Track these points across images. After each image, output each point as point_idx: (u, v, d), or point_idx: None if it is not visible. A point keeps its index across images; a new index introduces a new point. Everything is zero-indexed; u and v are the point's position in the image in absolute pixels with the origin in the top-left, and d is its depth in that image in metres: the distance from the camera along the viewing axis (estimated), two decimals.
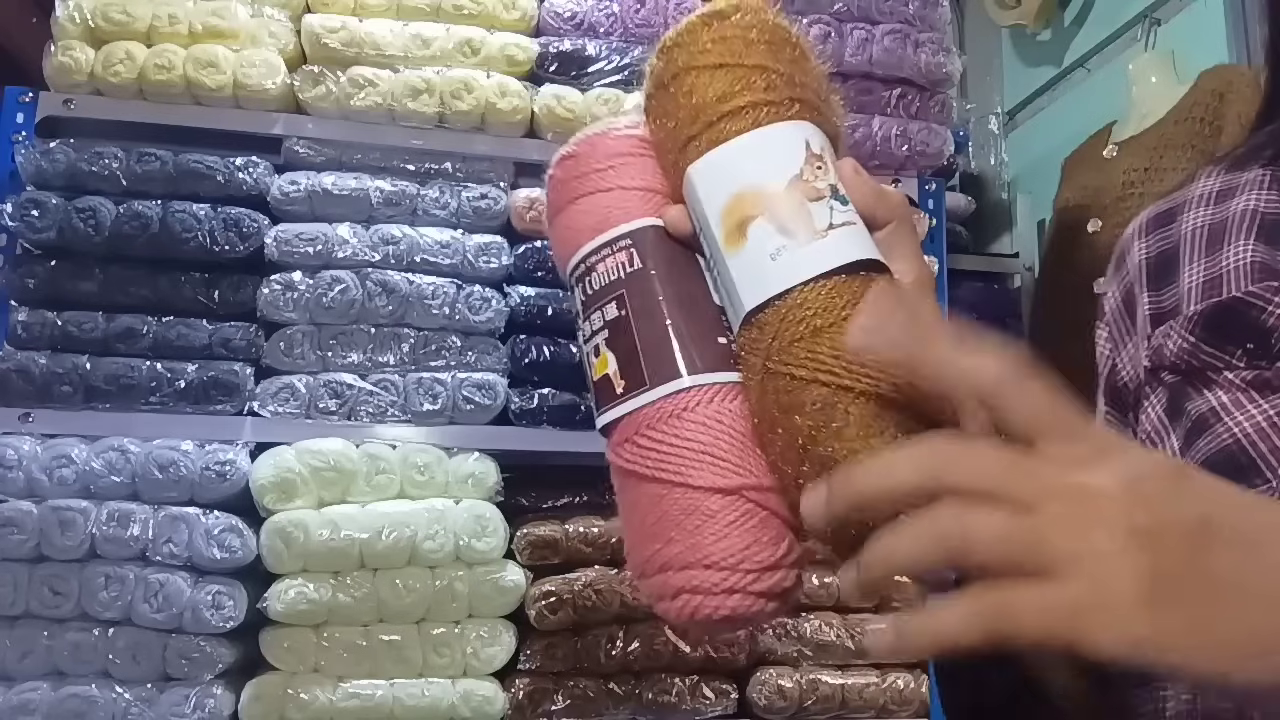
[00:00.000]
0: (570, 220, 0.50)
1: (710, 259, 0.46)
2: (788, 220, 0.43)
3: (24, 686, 1.35)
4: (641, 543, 0.45)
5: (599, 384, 0.48)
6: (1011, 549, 0.31)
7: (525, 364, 1.55)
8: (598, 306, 0.48)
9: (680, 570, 0.43)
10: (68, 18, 1.54)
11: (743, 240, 0.43)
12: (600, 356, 0.48)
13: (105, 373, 1.44)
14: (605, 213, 0.49)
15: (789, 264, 0.42)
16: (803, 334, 0.41)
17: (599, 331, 0.48)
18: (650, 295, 0.47)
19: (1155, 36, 1.94)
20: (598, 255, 0.48)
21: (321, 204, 1.55)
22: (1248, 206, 0.51)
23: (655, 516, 0.44)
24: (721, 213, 0.44)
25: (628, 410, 0.46)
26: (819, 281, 0.41)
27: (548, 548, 1.48)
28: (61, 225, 1.46)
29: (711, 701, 1.49)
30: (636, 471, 0.45)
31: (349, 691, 1.40)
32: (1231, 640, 0.30)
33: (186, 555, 1.38)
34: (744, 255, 0.43)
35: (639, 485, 0.45)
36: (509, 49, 1.64)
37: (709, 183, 0.45)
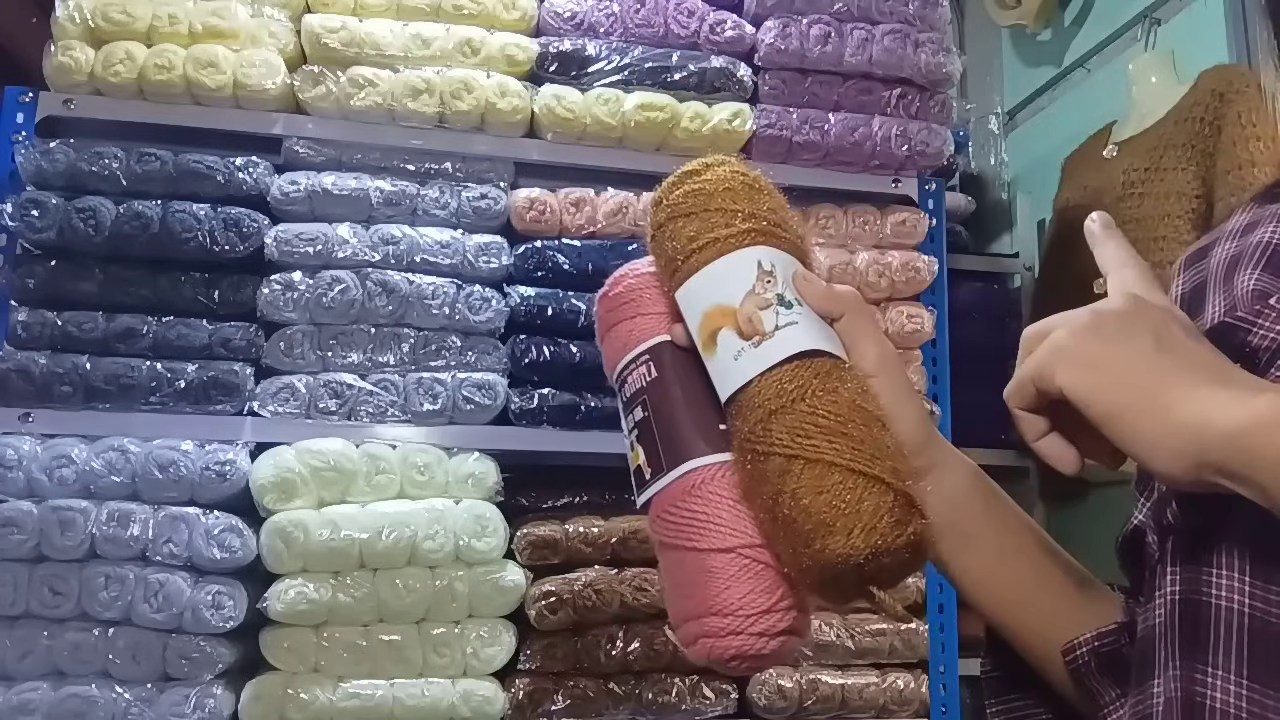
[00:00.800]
0: (611, 342, 0.63)
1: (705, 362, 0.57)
2: (743, 327, 0.54)
3: (24, 686, 1.35)
4: (672, 599, 0.57)
5: (635, 473, 0.59)
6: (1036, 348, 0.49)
7: (525, 364, 1.55)
8: (630, 410, 0.60)
9: (697, 619, 0.54)
10: (68, 18, 1.54)
11: (714, 347, 0.55)
12: (634, 450, 0.59)
13: (105, 373, 1.44)
14: (630, 335, 0.62)
15: (746, 361, 0.53)
16: (761, 417, 0.52)
17: (632, 430, 0.60)
18: (666, 397, 0.58)
19: (1155, 36, 1.95)
20: (628, 369, 0.61)
21: (321, 204, 1.55)
22: (1263, 238, 0.54)
23: (679, 576, 0.56)
24: (699, 327, 0.56)
25: (654, 491, 0.57)
26: (770, 373, 0.52)
27: (548, 548, 1.48)
28: (61, 225, 1.46)
29: (711, 701, 1.49)
30: (664, 541, 0.57)
31: (349, 691, 1.40)
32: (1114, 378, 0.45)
33: (186, 555, 1.38)
34: (717, 359, 0.55)
35: (667, 552, 0.57)
36: (509, 49, 1.64)
37: (689, 304, 0.57)
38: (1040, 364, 0.47)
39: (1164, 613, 0.49)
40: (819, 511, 0.49)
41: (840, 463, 0.49)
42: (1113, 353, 0.45)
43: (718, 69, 1.68)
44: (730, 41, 1.71)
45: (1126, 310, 0.47)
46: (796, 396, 0.51)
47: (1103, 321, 0.46)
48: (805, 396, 0.51)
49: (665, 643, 1.48)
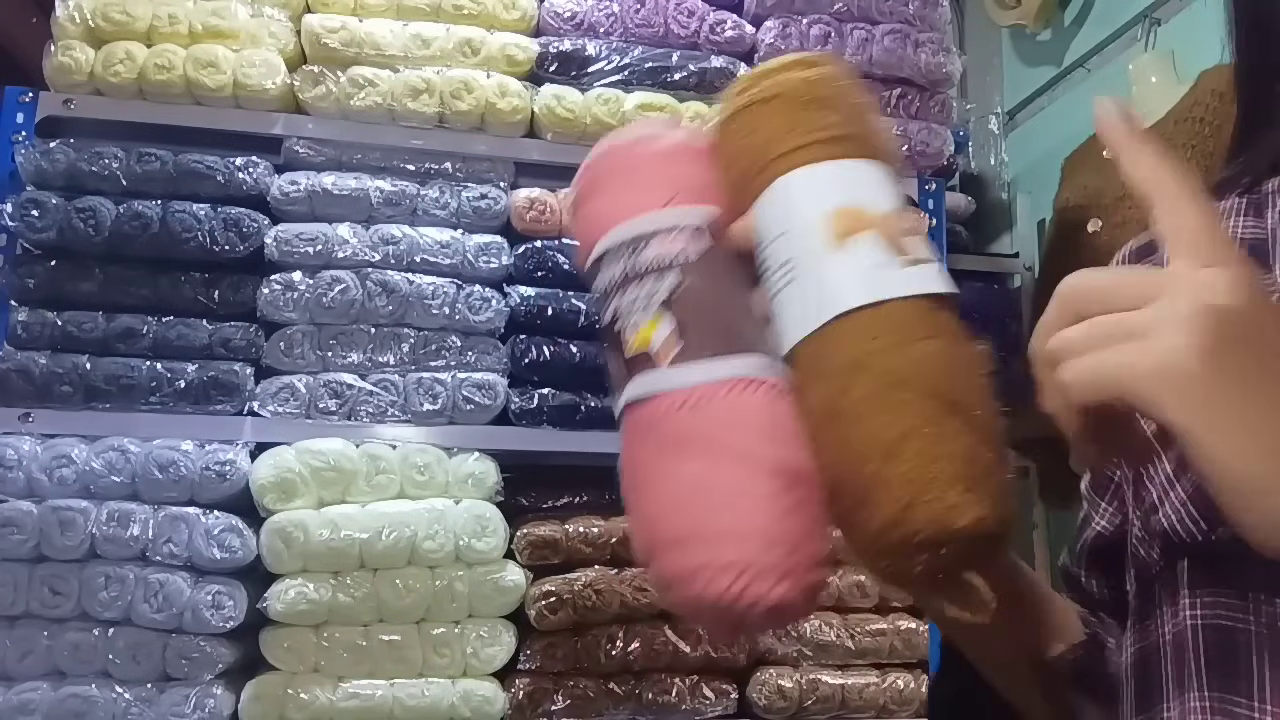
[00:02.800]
0: (619, 199, 0.52)
1: (781, 267, 0.47)
2: (890, 241, 0.45)
3: (24, 686, 1.35)
4: (676, 513, 0.44)
5: (636, 358, 0.47)
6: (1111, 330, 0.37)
7: (525, 364, 1.55)
8: (655, 272, 0.48)
9: (733, 542, 0.42)
10: (68, 18, 1.54)
11: (846, 247, 0.45)
12: (645, 326, 0.47)
13: (105, 373, 1.44)
14: (675, 192, 0.50)
15: (892, 278, 0.44)
16: (898, 342, 0.43)
17: (647, 299, 0.48)
18: (718, 277, 0.48)
19: (1155, 36, 1.94)
20: (664, 228, 0.49)
21: (321, 204, 1.55)
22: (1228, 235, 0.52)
23: (705, 488, 0.43)
24: (826, 217, 0.46)
25: (687, 377, 0.45)
26: (917, 299, 0.44)
27: (548, 548, 1.48)
28: (61, 225, 1.46)
29: (711, 701, 1.49)
30: (693, 438, 0.44)
31: (349, 691, 1.40)
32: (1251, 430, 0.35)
33: (186, 555, 1.38)
34: (844, 260, 0.45)
35: (687, 453, 0.44)
36: (509, 49, 1.64)
37: (811, 190, 0.47)
38: (1133, 380, 0.35)
39: (1175, 636, 0.47)
40: (958, 464, 0.40)
41: (977, 423, 0.41)
42: (1256, 397, 0.35)
43: (718, 69, 1.68)
44: (730, 41, 1.71)
45: (1256, 319, 0.36)
46: (949, 334, 0.44)
47: (1230, 340, 0.35)
48: (957, 339, 0.44)
49: (665, 643, 1.48)
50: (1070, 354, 0.37)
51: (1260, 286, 0.37)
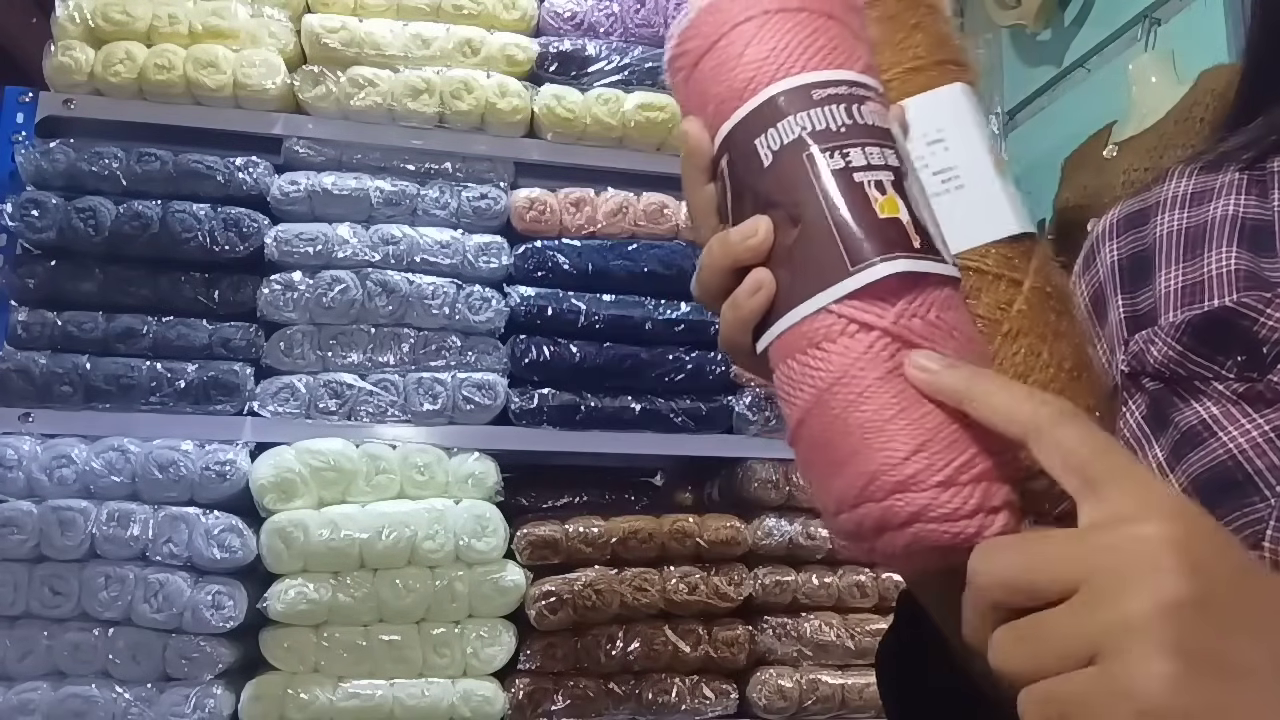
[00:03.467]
0: (822, 34, 0.42)
1: (943, 171, 0.46)
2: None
3: (24, 686, 1.35)
4: (947, 442, 0.37)
5: (886, 223, 0.39)
6: (1054, 653, 0.31)
7: (525, 364, 1.55)
8: (875, 143, 0.40)
9: (1005, 482, 0.37)
10: (68, 18, 1.54)
11: (1005, 176, 0.46)
12: (887, 195, 0.39)
13: (105, 373, 1.44)
14: (867, 56, 0.43)
15: (1029, 217, 0.46)
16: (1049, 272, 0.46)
17: (881, 169, 0.40)
18: (915, 162, 0.44)
19: (1155, 36, 1.94)
20: (870, 93, 0.42)
21: (321, 204, 1.55)
22: (1227, 211, 0.50)
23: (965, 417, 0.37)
24: (989, 144, 0.47)
25: (934, 271, 0.39)
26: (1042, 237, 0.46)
27: (548, 548, 1.48)
28: (61, 225, 1.46)
29: (711, 701, 1.49)
30: (963, 336, 0.39)
31: (349, 691, 1.40)
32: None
33: (186, 555, 1.38)
34: (1008, 188, 0.46)
35: (958, 351, 0.39)
36: (509, 49, 1.64)
37: (972, 109, 0.48)
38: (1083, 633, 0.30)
39: None
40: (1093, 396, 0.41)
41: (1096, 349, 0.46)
42: (1246, 695, 0.29)
43: None
44: None
45: (1223, 595, 0.30)
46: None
47: (1202, 643, 0.29)
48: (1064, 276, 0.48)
49: (665, 643, 1.48)
50: (1011, 672, 0.32)
51: (1201, 520, 0.32)
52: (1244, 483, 0.44)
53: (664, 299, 1.60)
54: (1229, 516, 0.43)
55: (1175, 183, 0.55)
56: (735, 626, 1.51)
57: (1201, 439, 0.46)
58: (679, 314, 1.60)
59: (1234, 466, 0.44)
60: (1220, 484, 0.44)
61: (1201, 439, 0.46)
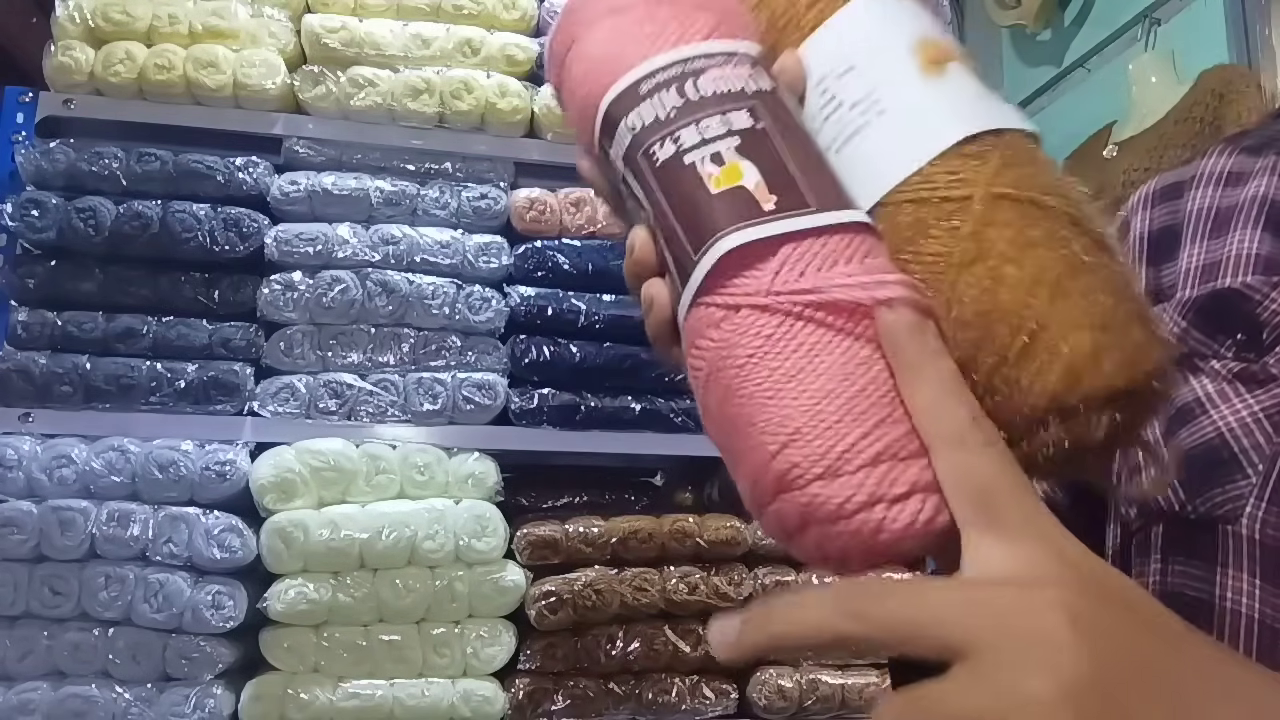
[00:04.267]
0: (645, 23, 0.41)
1: (859, 104, 0.40)
2: (977, 73, 0.41)
3: (24, 686, 1.35)
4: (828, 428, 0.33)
5: (726, 196, 0.37)
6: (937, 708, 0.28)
7: (525, 364, 1.55)
8: (714, 112, 0.38)
9: (913, 459, 0.32)
10: (68, 18, 1.54)
11: (942, 74, 0.40)
12: (726, 165, 0.37)
13: (105, 373, 1.44)
14: (715, 22, 0.41)
15: (1003, 109, 0.40)
16: (1031, 170, 0.38)
17: (721, 138, 0.38)
18: (790, 119, 0.39)
19: (1155, 36, 1.95)
20: (709, 60, 0.40)
21: (321, 204, 1.55)
22: (1259, 193, 0.50)
23: (858, 387, 0.33)
24: (911, 47, 0.41)
25: (795, 229, 0.35)
26: (1024, 134, 0.40)
27: (548, 548, 1.48)
28: (61, 225, 1.46)
29: (711, 701, 1.49)
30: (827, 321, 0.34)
31: (349, 691, 1.40)
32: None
33: (186, 555, 1.38)
34: (945, 87, 0.40)
35: (821, 344, 0.34)
36: (509, 49, 1.64)
37: (884, 20, 0.42)
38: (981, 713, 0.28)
39: None
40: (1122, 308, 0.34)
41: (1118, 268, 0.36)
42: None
43: None
44: None
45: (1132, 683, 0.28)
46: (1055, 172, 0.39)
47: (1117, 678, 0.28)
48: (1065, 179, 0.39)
49: (665, 643, 1.48)
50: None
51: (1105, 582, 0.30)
52: (1229, 460, 0.44)
53: None
54: (1210, 492, 0.44)
55: (1215, 159, 0.54)
56: None
57: (1194, 416, 0.46)
58: None
59: (1220, 444, 0.45)
60: (1207, 461, 0.45)
61: (1194, 416, 0.46)
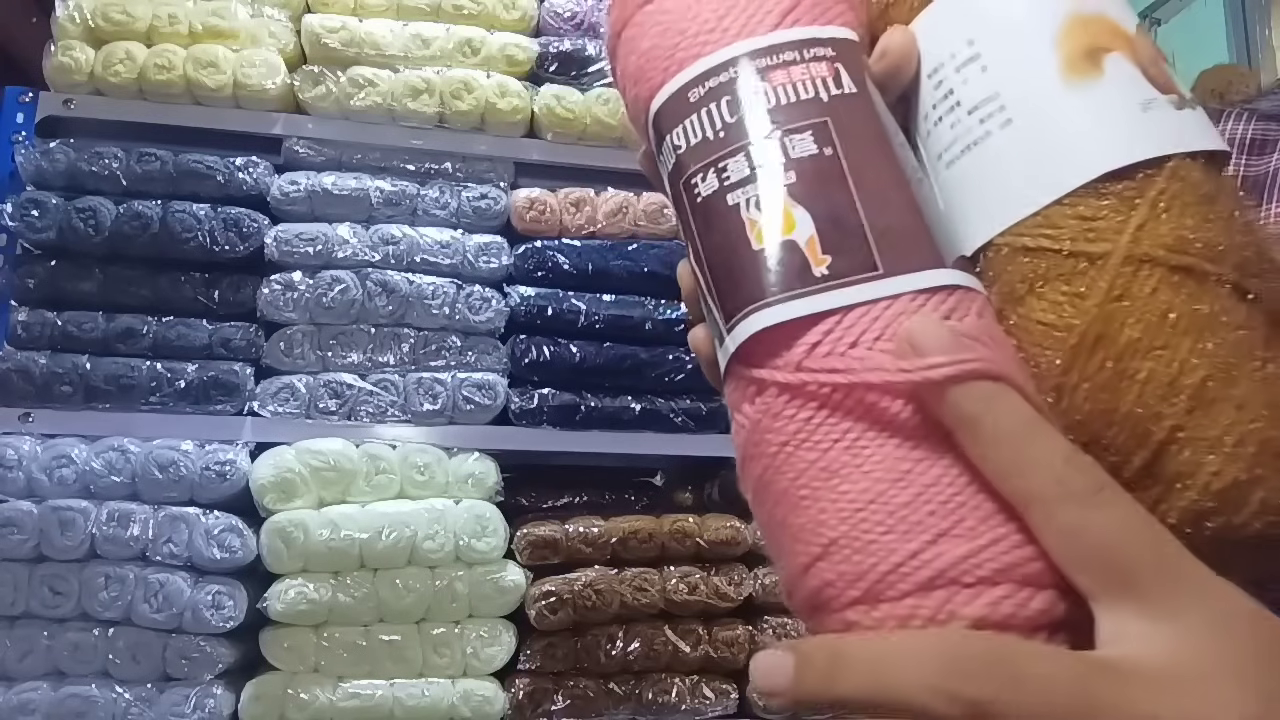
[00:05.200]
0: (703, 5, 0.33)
1: (980, 107, 0.31)
2: (1154, 70, 0.30)
3: (24, 686, 1.35)
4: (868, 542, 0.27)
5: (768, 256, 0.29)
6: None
7: (525, 364, 1.55)
8: (775, 133, 0.30)
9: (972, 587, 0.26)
10: (68, 18, 1.54)
11: (1095, 76, 0.30)
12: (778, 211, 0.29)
13: (105, 373, 1.44)
14: (790, 2, 0.32)
15: (1171, 124, 0.29)
16: (1196, 217, 0.28)
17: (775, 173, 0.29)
18: (876, 138, 0.30)
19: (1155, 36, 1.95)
20: (774, 58, 0.31)
21: (321, 204, 1.55)
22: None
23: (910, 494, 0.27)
24: (1055, 31, 0.31)
25: (840, 305, 0.28)
26: (1199, 158, 0.29)
27: (548, 548, 1.48)
28: (61, 225, 1.46)
29: (711, 701, 1.49)
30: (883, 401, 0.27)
31: (349, 691, 1.40)
32: None
33: (186, 555, 1.38)
34: (1095, 96, 0.30)
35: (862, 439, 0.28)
36: (509, 49, 1.64)
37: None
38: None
39: None
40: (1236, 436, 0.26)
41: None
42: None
43: None
44: None
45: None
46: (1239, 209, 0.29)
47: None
48: (1259, 229, 0.29)
49: (665, 643, 1.48)
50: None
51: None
52: None
53: (664, 299, 1.60)
54: None
55: (1234, 124, 0.50)
56: (735, 626, 1.51)
57: None
58: (679, 314, 1.60)
59: None
60: None
61: None
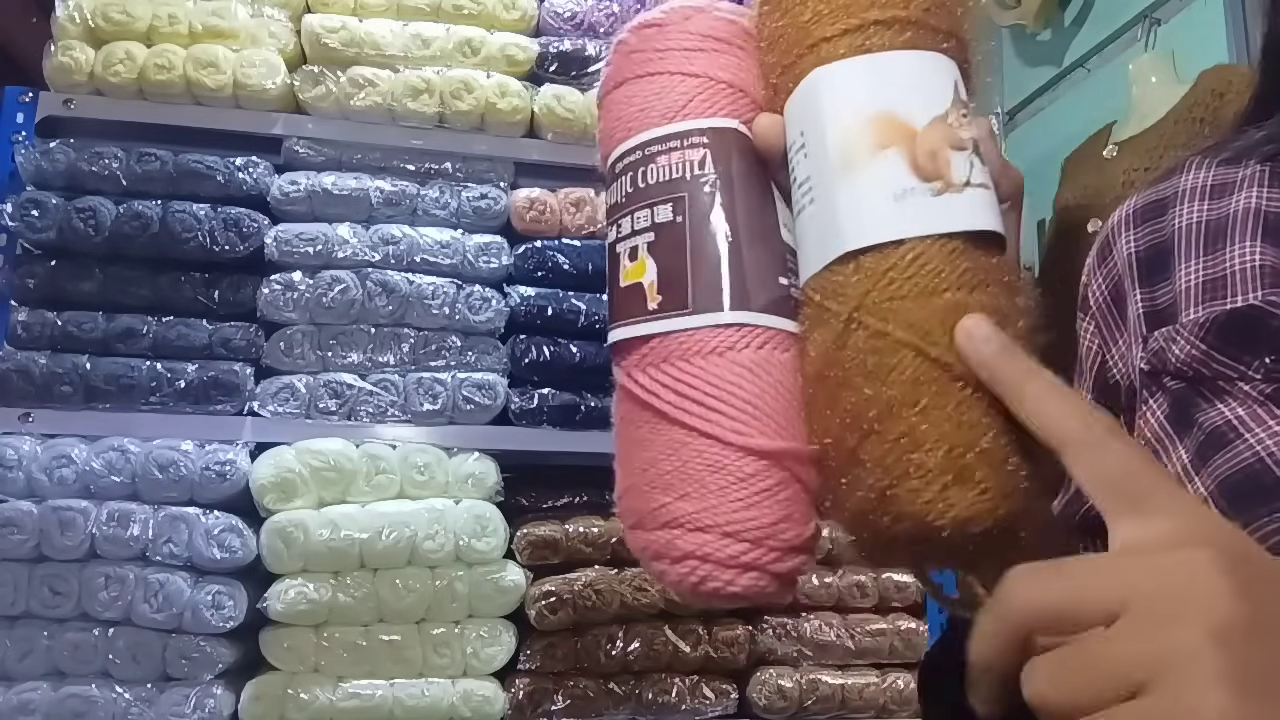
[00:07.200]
0: (637, 97, 0.44)
1: (803, 184, 0.40)
2: (925, 161, 0.37)
3: (24, 686, 1.35)
4: (645, 490, 0.40)
5: (626, 291, 0.42)
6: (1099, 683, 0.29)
7: (525, 364, 1.55)
8: (647, 204, 0.42)
9: (693, 532, 0.38)
10: (68, 18, 1.54)
11: (866, 169, 0.37)
12: (636, 261, 0.41)
13: (105, 373, 1.44)
14: (684, 99, 0.42)
15: (916, 210, 0.36)
16: (911, 292, 0.36)
17: (642, 232, 0.41)
18: (715, 208, 0.41)
19: (1155, 36, 1.94)
20: (663, 145, 0.42)
21: (321, 204, 1.55)
22: (1250, 204, 0.48)
23: (671, 465, 0.39)
24: (848, 131, 0.38)
25: (657, 331, 0.40)
26: (944, 240, 0.36)
27: (548, 548, 1.48)
28: (61, 225, 1.46)
29: (711, 701, 1.49)
30: (655, 407, 0.40)
31: (349, 691, 1.40)
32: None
33: (186, 555, 1.38)
34: (862, 186, 0.37)
35: (654, 423, 0.40)
36: (509, 49, 1.64)
37: (840, 92, 0.39)
38: (1134, 662, 0.29)
39: None
40: (947, 450, 0.34)
41: (988, 398, 0.35)
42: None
43: None
44: None
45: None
46: (978, 284, 0.36)
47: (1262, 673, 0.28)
48: (988, 291, 0.36)
49: (665, 643, 1.48)
50: (1055, 704, 0.30)
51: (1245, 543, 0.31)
52: (1272, 486, 0.42)
53: None
54: (1258, 521, 0.41)
55: (1194, 174, 0.53)
56: (735, 626, 1.51)
57: (1228, 441, 0.44)
58: None
59: (1262, 470, 0.43)
60: (1248, 487, 0.43)
61: (1228, 441, 0.44)
